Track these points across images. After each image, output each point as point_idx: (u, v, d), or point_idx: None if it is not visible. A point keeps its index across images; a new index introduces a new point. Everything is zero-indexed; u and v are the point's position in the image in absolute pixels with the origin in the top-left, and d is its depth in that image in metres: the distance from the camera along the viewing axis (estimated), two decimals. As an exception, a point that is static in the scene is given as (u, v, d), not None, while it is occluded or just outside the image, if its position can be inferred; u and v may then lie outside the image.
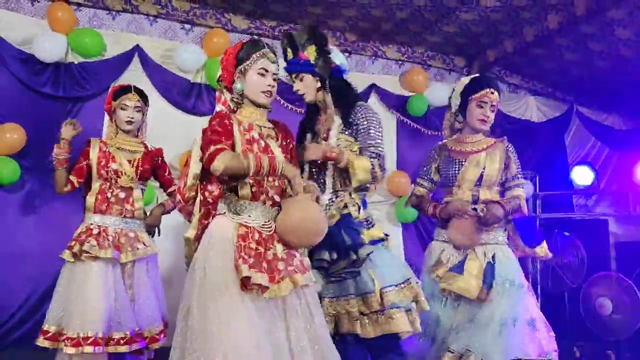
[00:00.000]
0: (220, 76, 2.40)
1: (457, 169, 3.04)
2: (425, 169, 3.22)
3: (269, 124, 2.42)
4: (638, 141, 6.34)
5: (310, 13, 5.19)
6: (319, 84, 2.65)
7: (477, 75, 3.23)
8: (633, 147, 6.34)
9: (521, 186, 3.09)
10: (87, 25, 4.83)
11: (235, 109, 2.39)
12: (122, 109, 3.29)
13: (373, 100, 5.83)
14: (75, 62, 4.72)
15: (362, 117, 2.65)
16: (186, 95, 5.06)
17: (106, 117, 3.46)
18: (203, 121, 4.90)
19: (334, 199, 2.61)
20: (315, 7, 5.07)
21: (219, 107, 2.43)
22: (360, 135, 2.64)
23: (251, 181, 2.26)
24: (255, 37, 5.28)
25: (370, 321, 2.47)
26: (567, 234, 5.18)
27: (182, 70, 4.98)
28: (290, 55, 2.66)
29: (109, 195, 3.24)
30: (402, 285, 2.51)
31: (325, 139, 2.65)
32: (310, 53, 2.63)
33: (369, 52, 5.87)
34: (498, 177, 3.04)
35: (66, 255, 3.13)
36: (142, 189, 3.38)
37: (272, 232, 2.26)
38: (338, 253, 2.45)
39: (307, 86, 2.65)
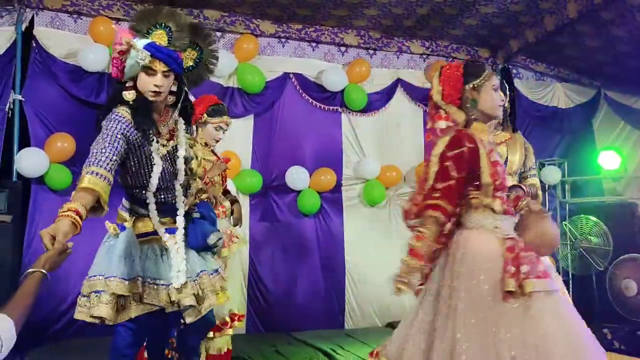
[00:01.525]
0: (442, 93, 2.42)
1: None
2: None
3: (490, 136, 2.55)
4: (668, 123, 6.32)
5: (333, 15, 5.37)
6: (174, 87, 2.54)
7: None
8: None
9: (536, 176, 3.37)
10: (125, 37, 5.14)
11: (468, 124, 2.43)
12: (215, 129, 3.64)
13: (399, 94, 5.99)
14: (116, 72, 5.05)
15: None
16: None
17: None
18: (236, 122, 5.19)
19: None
20: (337, 9, 5.24)
21: (442, 124, 2.40)
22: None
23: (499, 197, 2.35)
24: (283, 40, 5.56)
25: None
26: (593, 218, 5.25)
27: (215, 75, 5.10)
28: (162, 41, 2.45)
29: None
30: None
31: (171, 139, 2.62)
32: (189, 58, 2.56)
33: (394, 47, 5.98)
34: (519, 166, 3.34)
35: None
36: None
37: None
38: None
39: (169, 85, 2.51)
